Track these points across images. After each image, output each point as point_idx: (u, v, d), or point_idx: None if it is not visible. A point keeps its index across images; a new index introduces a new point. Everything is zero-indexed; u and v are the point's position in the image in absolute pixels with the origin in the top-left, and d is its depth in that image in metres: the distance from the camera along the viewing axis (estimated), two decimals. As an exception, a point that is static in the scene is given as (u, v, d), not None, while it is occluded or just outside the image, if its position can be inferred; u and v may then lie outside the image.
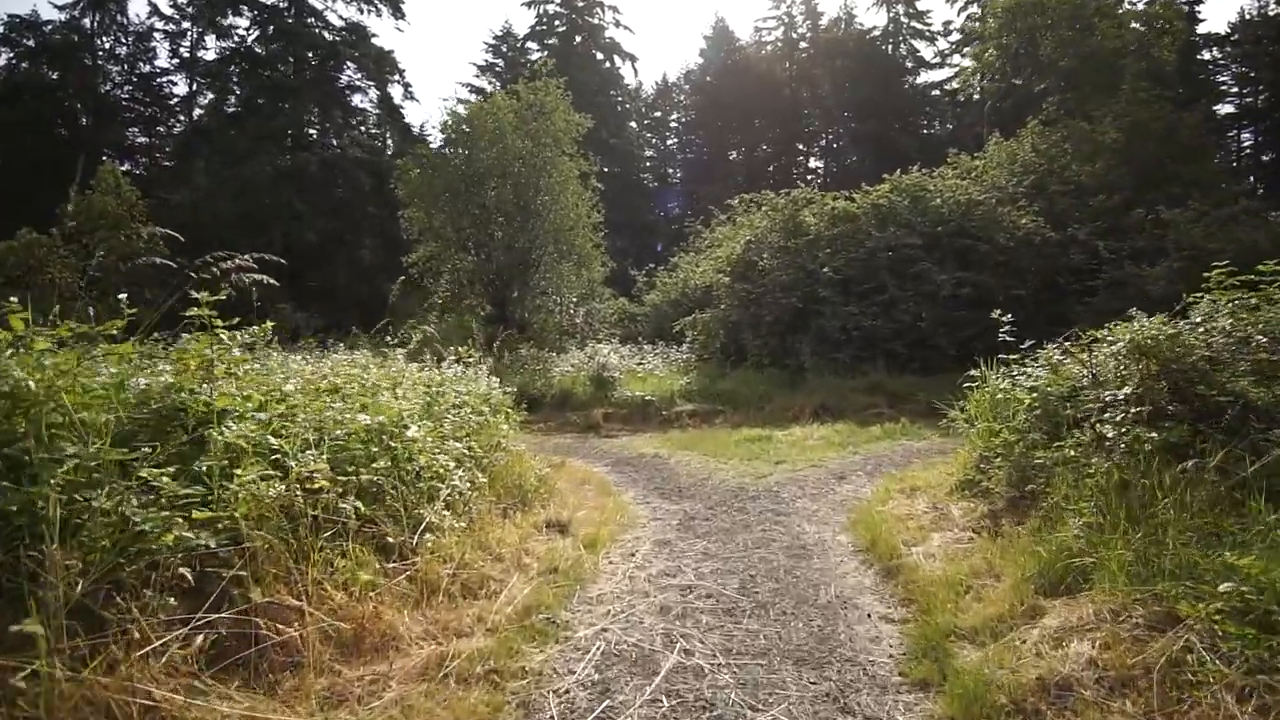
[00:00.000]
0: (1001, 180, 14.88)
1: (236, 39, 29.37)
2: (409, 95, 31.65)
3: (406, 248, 18.17)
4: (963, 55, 34.46)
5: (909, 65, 41.52)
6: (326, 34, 30.40)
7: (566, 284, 17.84)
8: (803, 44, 44.05)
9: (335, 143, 30.03)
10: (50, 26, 34.29)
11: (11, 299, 2.74)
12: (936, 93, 40.88)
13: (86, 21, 35.10)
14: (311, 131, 30.49)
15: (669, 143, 49.60)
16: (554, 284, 17.58)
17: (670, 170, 49.10)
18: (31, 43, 34.20)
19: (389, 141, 33.09)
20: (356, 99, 31.57)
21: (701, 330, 14.27)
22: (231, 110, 29.39)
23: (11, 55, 33.88)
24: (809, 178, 41.19)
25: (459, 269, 16.99)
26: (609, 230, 21.97)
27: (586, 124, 16.89)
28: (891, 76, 40.37)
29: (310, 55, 29.88)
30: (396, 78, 32.42)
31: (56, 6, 34.17)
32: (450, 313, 17.94)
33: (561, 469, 6.85)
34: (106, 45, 35.59)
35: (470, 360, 6.79)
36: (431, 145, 17.69)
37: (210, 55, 31.93)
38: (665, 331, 16.22)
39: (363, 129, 31.72)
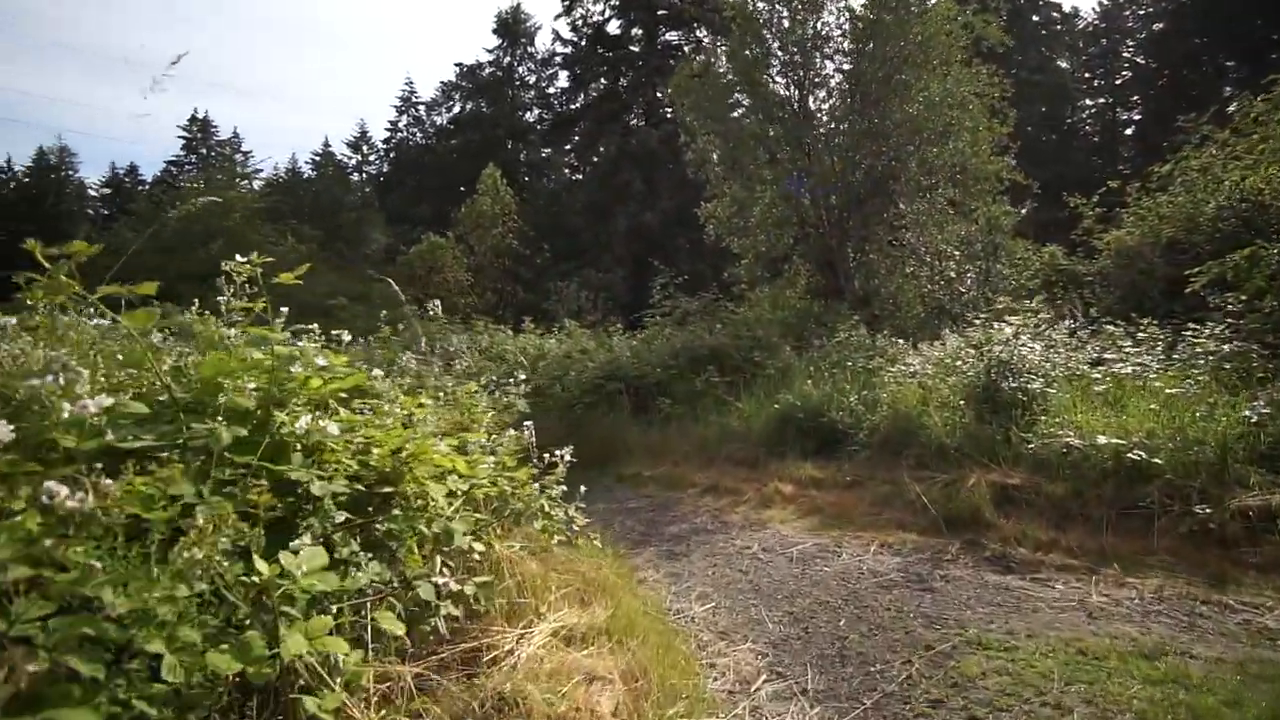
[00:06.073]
0: None
1: (593, 23, 29.21)
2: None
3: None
4: None
5: None
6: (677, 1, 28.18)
7: (943, 232, 10.81)
8: None
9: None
10: (484, 69, 41.10)
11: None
12: None
13: (507, 59, 41.02)
14: (663, 109, 28.69)
15: (1117, 81, 34.92)
16: (918, 232, 10.75)
17: (1118, 113, 34.44)
18: (471, 85, 41.47)
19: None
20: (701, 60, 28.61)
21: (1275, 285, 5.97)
22: (584, 103, 29.45)
23: (457, 96, 41.62)
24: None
25: (768, 220, 11.47)
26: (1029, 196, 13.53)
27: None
28: None
29: (659, 26, 27.98)
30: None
31: (487, 50, 40.74)
32: (767, 285, 12.77)
33: None
34: (521, 76, 41.21)
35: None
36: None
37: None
38: (1151, 299, 7.98)
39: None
